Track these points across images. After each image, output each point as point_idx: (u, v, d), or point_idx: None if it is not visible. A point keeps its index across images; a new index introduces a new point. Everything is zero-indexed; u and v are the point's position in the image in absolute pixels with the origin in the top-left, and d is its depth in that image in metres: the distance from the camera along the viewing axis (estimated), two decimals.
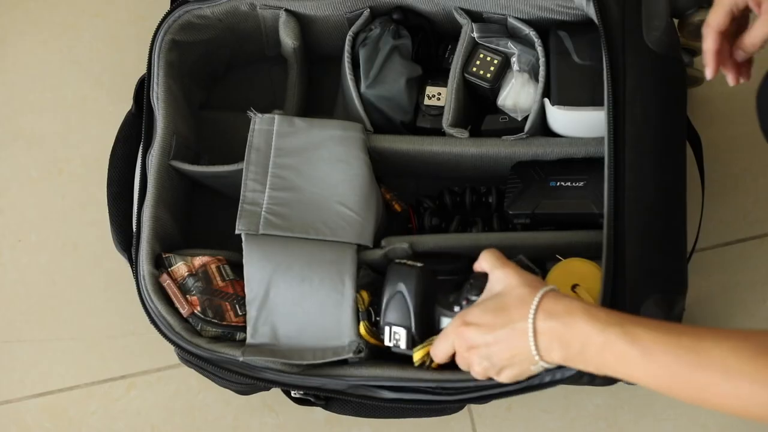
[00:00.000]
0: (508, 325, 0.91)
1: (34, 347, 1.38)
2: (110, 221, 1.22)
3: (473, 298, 0.99)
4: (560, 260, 1.11)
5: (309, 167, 1.18)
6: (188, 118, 1.29)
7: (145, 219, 1.18)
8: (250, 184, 1.17)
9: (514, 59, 1.20)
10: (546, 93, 1.17)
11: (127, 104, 1.26)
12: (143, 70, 1.23)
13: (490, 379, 0.98)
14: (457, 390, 1.10)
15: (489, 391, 1.08)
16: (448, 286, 1.08)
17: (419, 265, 1.09)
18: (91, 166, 1.43)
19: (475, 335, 0.94)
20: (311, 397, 1.18)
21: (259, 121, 1.20)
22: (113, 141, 1.24)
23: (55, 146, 1.45)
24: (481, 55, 1.21)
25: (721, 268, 1.31)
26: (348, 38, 1.24)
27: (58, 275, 1.40)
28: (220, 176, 1.24)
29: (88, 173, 1.43)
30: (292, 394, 1.20)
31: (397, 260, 1.11)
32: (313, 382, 1.14)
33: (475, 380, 1.04)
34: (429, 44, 1.28)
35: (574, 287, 1.08)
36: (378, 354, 1.14)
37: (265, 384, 1.16)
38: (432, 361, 1.06)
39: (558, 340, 0.88)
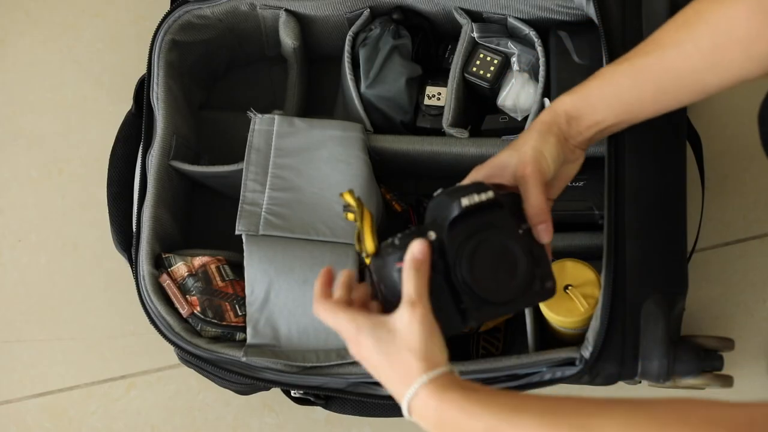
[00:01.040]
0: (389, 385, 0.83)
1: (34, 347, 1.38)
2: (110, 221, 1.22)
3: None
4: (553, 260, 1.11)
5: (309, 167, 1.18)
6: (188, 118, 1.29)
7: (145, 219, 1.18)
8: (250, 185, 1.17)
9: (514, 59, 1.20)
10: (546, 93, 1.17)
11: (127, 104, 1.26)
12: (143, 70, 1.23)
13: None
14: None
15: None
16: None
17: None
18: (91, 166, 1.43)
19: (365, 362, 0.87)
20: (311, 397, 1.18)
21: (259, 122, 1.20)
22: (113, 141, 1.24)
23: (55, 146, 1.45)
24: (481, 55, 1.21)
25: (721, 268, 1.31)
26: (348, 38, 1.24)
27: (58, 275, 1.40)
28: (220, 176, 1.24)
29: (88, 173, 1.43)
30: (292, 394, 1.20)
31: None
32: (314, 381, 1.14)
33: (476, 378, 1.03)
34: (429, 44, 1.27)
35: (566, 288, 1.08)
36: None
37: (265, 384, 1.16)
38: None
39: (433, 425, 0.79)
